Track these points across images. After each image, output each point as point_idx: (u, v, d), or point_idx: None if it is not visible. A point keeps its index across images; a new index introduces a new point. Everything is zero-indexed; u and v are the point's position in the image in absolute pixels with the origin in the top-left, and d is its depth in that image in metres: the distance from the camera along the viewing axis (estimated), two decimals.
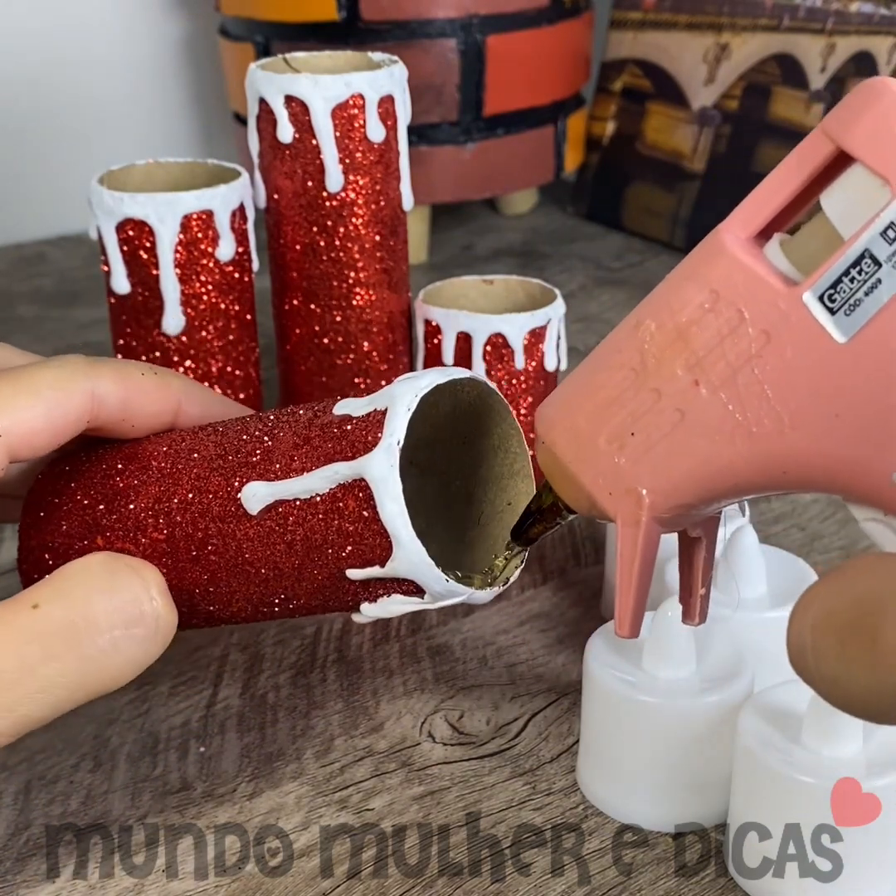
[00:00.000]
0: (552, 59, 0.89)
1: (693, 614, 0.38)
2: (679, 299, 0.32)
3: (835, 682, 0.27)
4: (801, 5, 0.86)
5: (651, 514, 0.33)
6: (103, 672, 0.36)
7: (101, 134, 1.01)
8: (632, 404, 0.33)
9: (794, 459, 0.31)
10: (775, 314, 0.30)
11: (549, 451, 0.35)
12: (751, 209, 0.31)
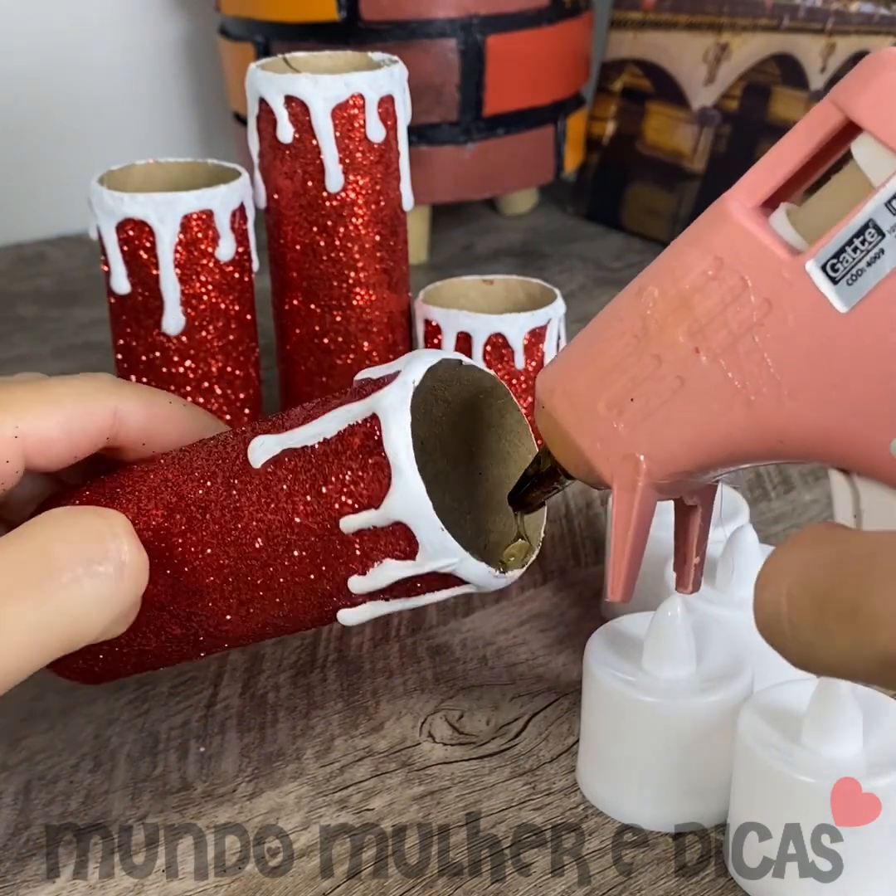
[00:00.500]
0: (552, 59, 0.89)
1: (687, 582, 0.38)
2: (682, 266, 0.32)
3: (809, 646, 0.27)
4: (801, 5, 0.86)
5: (648, 480, 0.34)
6: (67, 612, 0.35)
7: (101, 134, 1.01)
8: (632, 370, 0.33)
9: (791, 429, 0.31)
10: (778, 283, 0.30)
11: (549, 416, 0.36)
12: (757, 178, 0.31)
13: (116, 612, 0.36)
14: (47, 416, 0.38)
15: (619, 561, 0.35)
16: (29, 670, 0.35)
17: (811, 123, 0.31)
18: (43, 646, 0.34)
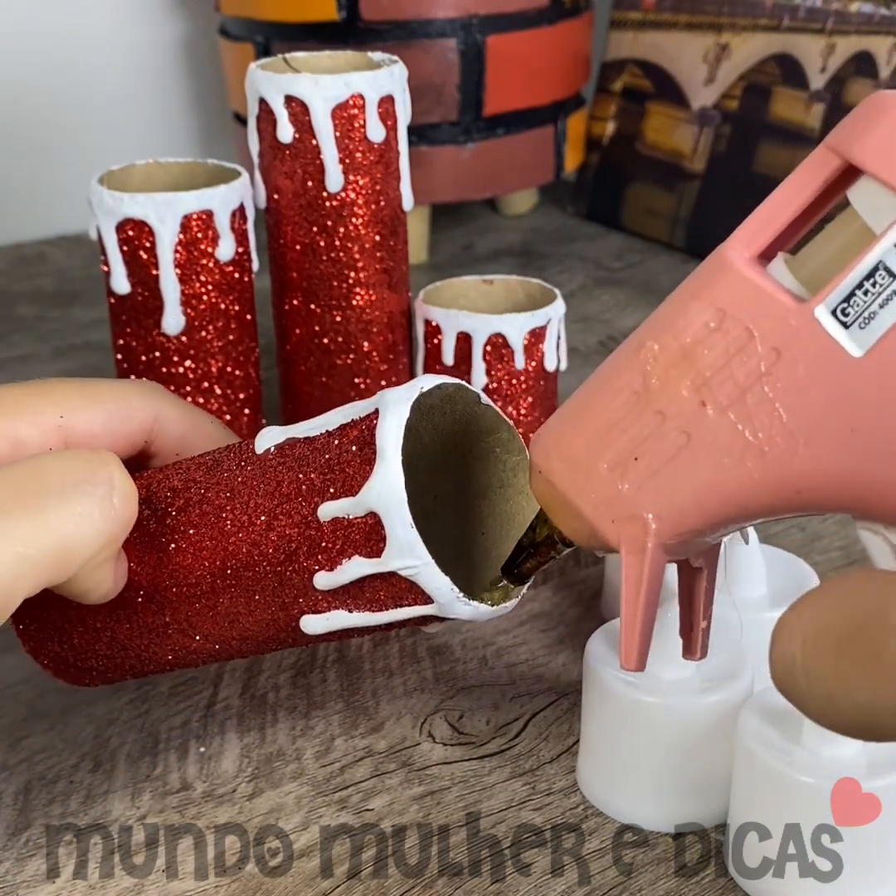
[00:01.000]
0: (552, 59, 0.89)
1: (695, 649, 0.37)
2: (683, 319, 0.31)
3: (828, 699, 0.26)
4: (801, 5, 0.86)
5: (657, 541, 0.32)
6: (57, 527, 0.34)
7: (101, 134, 1.01)
8: (634, 428, 0.32)
9: (808, 478, 0.30)
10: (786, 330, 0.30)
11: (546, 480, 0.34)
12: (755, 226, 0.31)
13: (105, 536, 0.36)
14: (91, 411, 0.39)
15: (631, 627, 0.33)
16: (20, 589, 0.34)
17: (807, 171, 0.30)
18: (33, 562, 0.34)
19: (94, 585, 0.37)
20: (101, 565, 0.37)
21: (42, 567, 0.34)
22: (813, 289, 0.30)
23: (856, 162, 0.29)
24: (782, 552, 0.47)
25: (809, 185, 0.30)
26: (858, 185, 0.30)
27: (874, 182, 0.29)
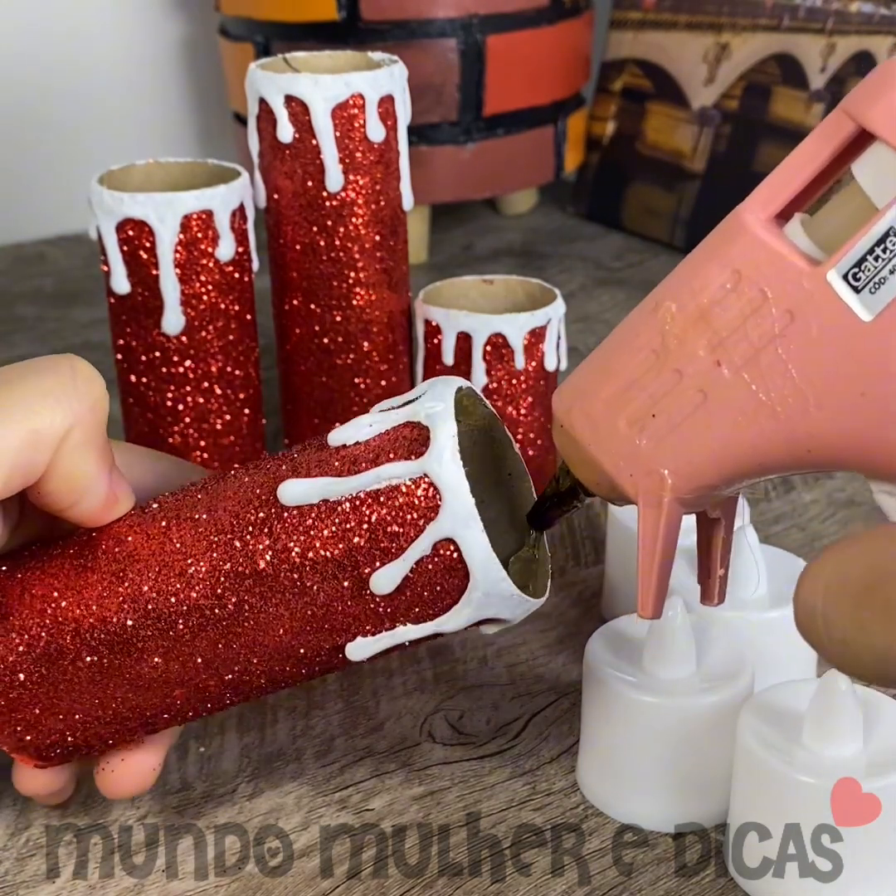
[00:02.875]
0: (552, 59, 0.89)
1: (712, 595, 0.38)
2: (700, 280, 0.32)
3: (845, 645, 0.27)
4: (801, 5, 0.86)
5: (673, 495, 0.33)
6: (23, 399, 0.35)
7: (101, 134, 1.01)
8: (652, 386, 0.33)
9: (819, 439, 0.31)
10: (799, 293, 0.30)
11: (567, 434, 0.35)
12: (771, 189, 0.31)
13: (71, 412, 0.35)
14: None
15: (647, 577, 0.35)
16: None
17: (823, 134, 0.31)
18: (3, 437, 0.34)
19: (81, 480, 0.36)
20: (80, 452, 0.36)
21: (14, 444, 0.34)
22: (829, 251, 0.31)
23: (868, 127, 0.29)
24: (782, 552, 0.47)
25: (825, 148, 0.31)
26: (865, 155, 0.30)
27: (886, 148, 0.29)
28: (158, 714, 0.38)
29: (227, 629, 0.36)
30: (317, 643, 0.37)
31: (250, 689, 0.38)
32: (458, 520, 0.35)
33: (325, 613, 0.36)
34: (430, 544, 0.35)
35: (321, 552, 0.36)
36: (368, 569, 0.35)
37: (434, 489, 0.35)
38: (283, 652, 0.37)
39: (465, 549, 0.35)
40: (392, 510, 0.35)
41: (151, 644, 0.36)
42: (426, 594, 0.36)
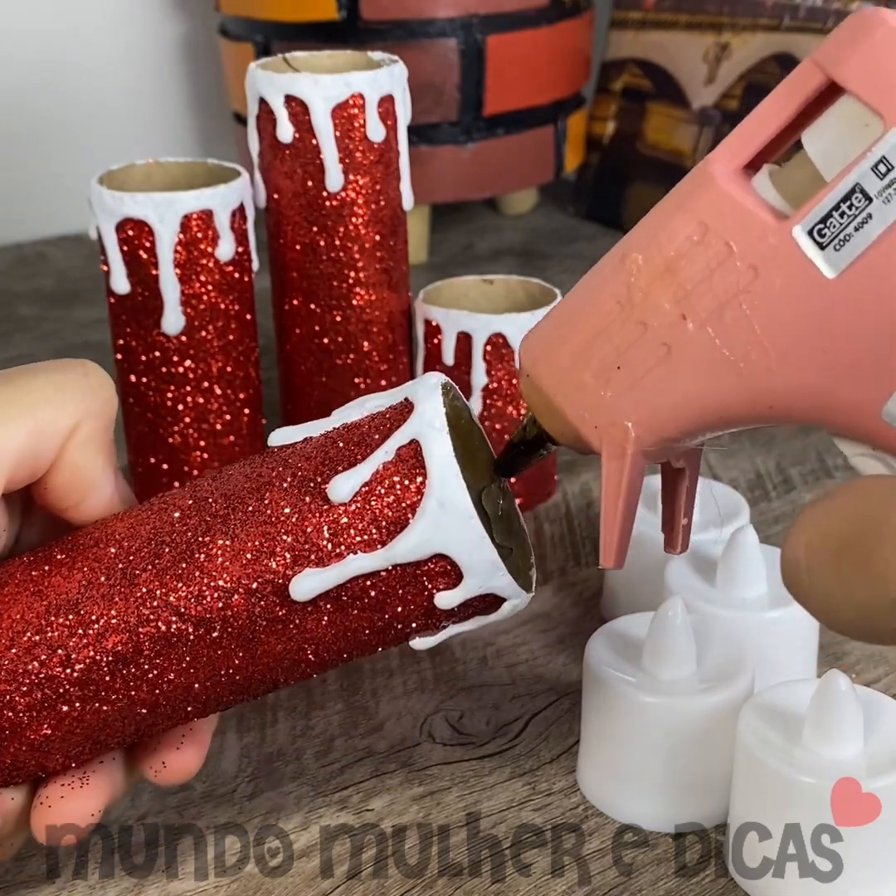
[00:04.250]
0: (552, 59, 0.89)
1: (675, 543, 0.38)
2: (667, 232, 0.32)
3: (828, 599, 0.27)
4: (802, 5, 0.86)
5: (636, 447, 0.33)
6: (29, 394, 0.35)
7: (101, 134, 1.01)
8: (617, 338, 0.33)
9: (781, 394, 0.31)
10: (764, 248, 0.30)
11: (534, 385, 0.35)
12: (739, 140, 0.31)
13: (82, 407, 0.35)
14: None
15: (610, 527, 0.35)
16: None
17: (793, 84, 0.30)
18: (9, 428, 0.34)
19: (88, 477, 0.36)
20: (88, 447, 0.36)
21: (20, 435, 0.34)
22: (795, 204, 0.30)
23: (838, 80, 0.29)
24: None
25: (795, 99, 0.30)
26: (841, 101, 0.30)
27: (855, 101, 0.29)
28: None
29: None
30: (262, 574, 0.34)
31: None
32: (424, 420, 0.34)
33: (279, 532, 0.34)
34: (394, 447, 0.34)
35: (297, 474, 0.35)
36: (330, 478, 0.35)
37: (409, 403, 0.35)
38: (230, 583, 0.34)
39: (426, 446, 0.34)
40: (369, 426, 0.35)
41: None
42: (383, 505, 0.34)
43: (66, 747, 0.36)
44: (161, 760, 0.38)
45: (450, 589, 0.35)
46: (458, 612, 0.36)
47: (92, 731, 0.36)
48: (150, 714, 0.36)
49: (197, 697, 0.36)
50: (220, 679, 0.35)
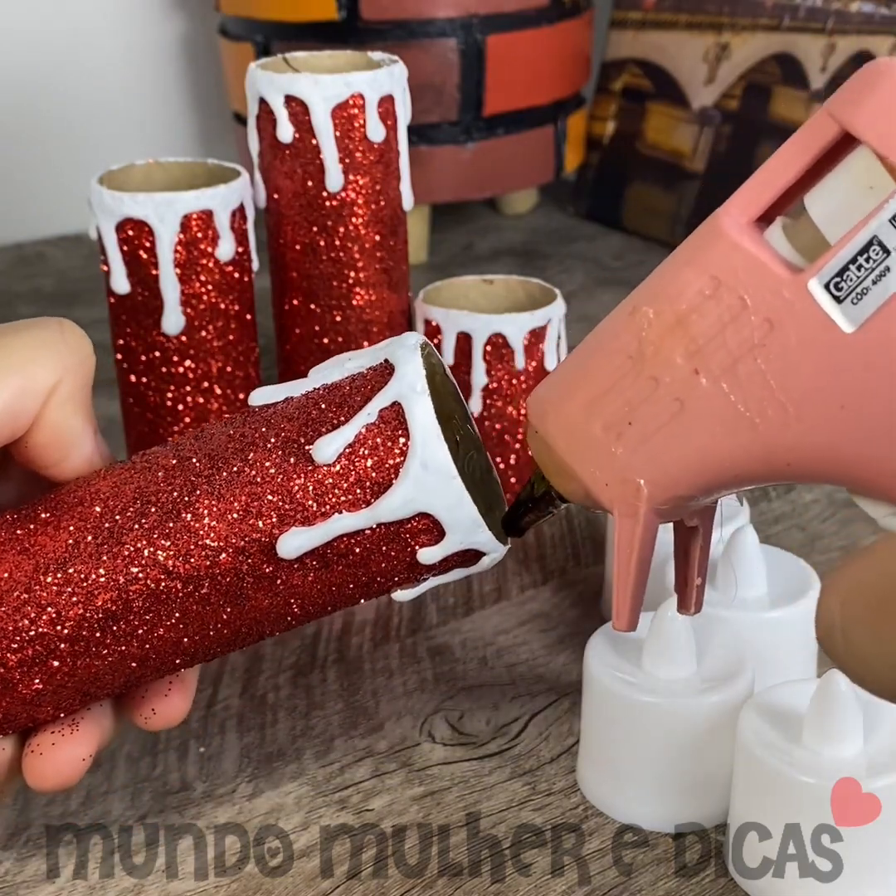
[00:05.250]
0: (552, 59, 0.89)
1: (689, 604, 0.37)
2: (677, 285, 0.31)
3: (865, 660, 0.26)
4: (802, 5, 0.86)
5: (649, 505, 0.33)
6: (14, 352, 0.35)
7: (101, 134, 1.01)
8: (629, 393, 0.32)
9: (798, 452, 0.30)
10: (779, 302, 0.29)
11: (543, 441, 0.35)
12: (752, 192, 0.31)
13: (62, 364, 0.35)
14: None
15: (623, 588, 0.34)
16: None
17: (806, 136, 0.30)
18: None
19: (69, 434, 0.36)
20: (68, 405, 0.36)
21: (1, 395, 0.34)
22: (809, 258, 0.30)
23: (852, 131, 0.29)
24: (782, 552, 0.47)
25: (808, 151, 0.30)
26: (855, 153, 0.29)
27: (870, 152, 0.29)
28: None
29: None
30: (249, 533, 0.35)
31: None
32: (405, 383, 0.35)
33: (265, 492, 0.35)
34: (376, 409, 0.35)
35: (280, 435, 0.36)
36: (314, 439, 0.35)
37: (389, 365, 0.35)
38: (217, 542, 0.35)
39: (408, 409, 0.34)
40: (350, 387, 0.36)
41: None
42: (366, 465, 0.35)
43: (57, 700, 0.36)
44: (150, 707, 0.38)
45: (432, 545, 0.36)
46: (439, 566, 0.36)
47: (82, 685, 0.36)
48: (140, 667, 0.36)
49: (186, 650, 0.36)
50: (209, 633, 0.36)
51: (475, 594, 0.54)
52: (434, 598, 0.53)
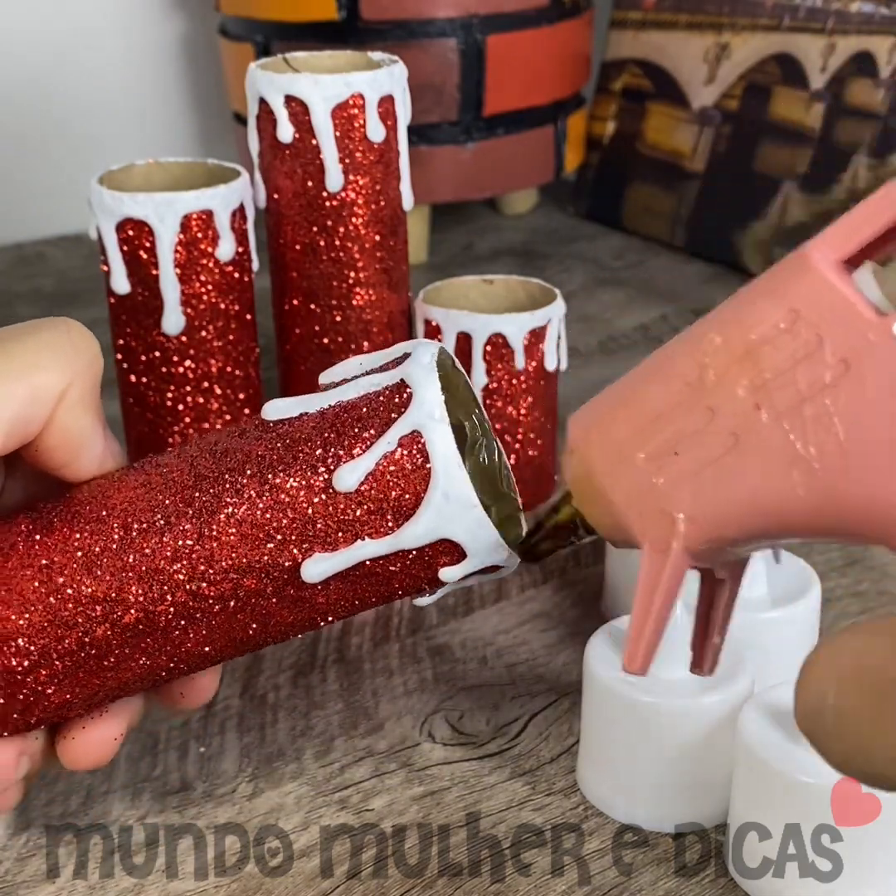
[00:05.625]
0: (552, 59, 0.89)
1: (703, 664, 0.35)
2: (753, 315, 0.29)
3: (859, 746, 0.24)
4: (802, 5, 0.86)
5: (684, 544, 0.31)
6: (22, 354, 0.35)
7: (101, 134, 1.01)
8: (681, 422, 0.30)
9: (856, 505, 0.28)
10: (861, 343, 0.28)
11: (581, 463, 0.33)
12: (844, 231, 0.29)
13: (70, 367, 0.35)
14: None
15: (639, 628, 0.32)
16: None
17: None
18: (4, 393, 0.34)
19: (79, 436, 0.36)
20: (78, 407, 0.36)
21: (13, 401, 0.34)
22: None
23: None
24: (782, 552, 0.47)
25: None
26: None
27: None
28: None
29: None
30: (274, 558, 0.35)
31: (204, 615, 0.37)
32: (424, 411, 0.35)
33: (288, 518, 0.35)
34: (396, 437, 0.35)
35: (299, 458, 0.36)
36: (334, 466, 0.35)
37: (408, 389, 0.35)
38: (241, 566, 0.35)
39: (428, 438, 0.34)
40: (367, 408, 0.36)
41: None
42: (388, 494, 0.35)
43: (88, 704, 0.37)
44: (179, 691, 0.39)
45: (453, 565, 0.36)
46: (460, 580, 0.37)
47: (111, 692, 0.37)
48: (167, 674, 0.37)
49: (212, 659, 0.37)
50: (235, 643, 0.37)
51: (475, 594, 0.54)
52: None
